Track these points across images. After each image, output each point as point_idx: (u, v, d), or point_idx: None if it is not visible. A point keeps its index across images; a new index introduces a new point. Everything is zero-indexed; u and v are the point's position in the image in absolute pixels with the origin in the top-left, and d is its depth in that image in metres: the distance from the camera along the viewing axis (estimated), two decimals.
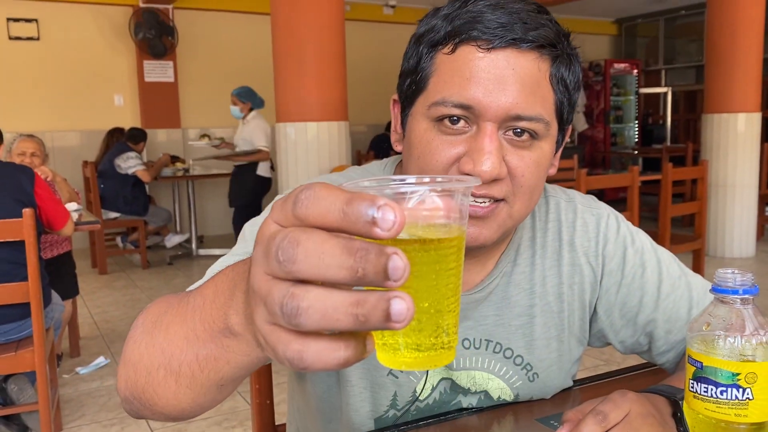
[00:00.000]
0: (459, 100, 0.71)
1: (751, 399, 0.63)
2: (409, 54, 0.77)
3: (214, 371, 0.50)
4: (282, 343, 0.37)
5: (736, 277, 0.64)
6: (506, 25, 0.70)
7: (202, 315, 0.49)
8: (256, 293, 0.38)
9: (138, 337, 0.58)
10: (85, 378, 3.27)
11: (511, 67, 0.70)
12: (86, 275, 5.44)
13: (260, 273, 0.37)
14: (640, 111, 9.57)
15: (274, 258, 0.35)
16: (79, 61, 6.66)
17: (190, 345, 0.51)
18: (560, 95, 0.75)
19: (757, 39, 5.51)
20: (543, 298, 0.90)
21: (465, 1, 0.73)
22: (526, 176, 0.74)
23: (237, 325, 0.45)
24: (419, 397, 0.88)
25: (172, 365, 0.53)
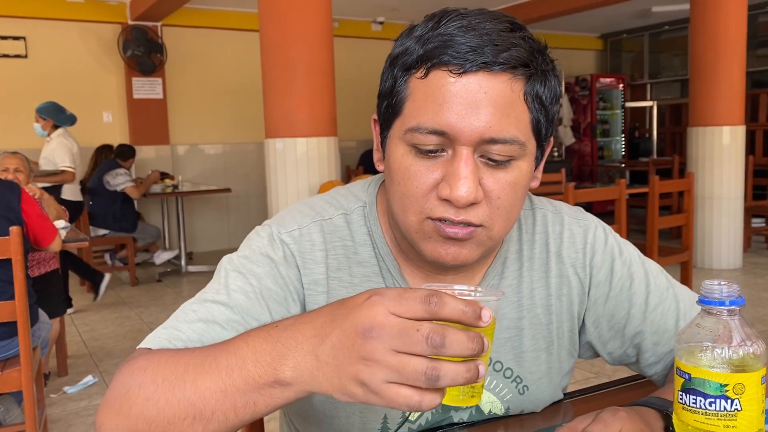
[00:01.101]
0: (433, 126, 0.71)
1: (739, 410, 0.63)
2: (385, 76, 0.78)
3: (251, 414, 0.63)
4: (402, 396, 0.54)
5: (722, 288, 0.65)
6: (477, 48, 0.70)
7: (243, 373, 0.62)
8: (378, 363, 0.54)
9: (151, 394, 0.66)
10: (73, 397, 3.23)
11: (483, 91, 0.70)
12: (74, 293, 5.38)
13: (387, 350, 0.54)
14: (627, 125, 9.66)
15: (425, 342, 0.53)
16: (67, 79, 6.65)
17: (227, 397, 0.62)
18: (536, 113, 0.75)
19: (739, 53, 5.59)
20: (531, 310, 0.90)
21: (438, 21, 0.73)
22: (501, 198, 0.74)
23: (290, 378, 0.59)
24: (409, 418, 0.87)
25: (204, 414, 0.63)
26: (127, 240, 5.70)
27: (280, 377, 0.60)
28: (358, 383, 0.55)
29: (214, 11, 7.22)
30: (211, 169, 7.47)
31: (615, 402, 0.85)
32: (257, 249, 0.84)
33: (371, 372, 0.54)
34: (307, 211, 0.88)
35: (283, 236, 0.85)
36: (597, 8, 7.30)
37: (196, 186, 6.62)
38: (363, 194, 0.91)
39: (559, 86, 0.79)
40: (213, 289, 0.81)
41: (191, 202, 7.14)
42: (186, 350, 0.70)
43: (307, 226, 0.86)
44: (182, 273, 6.13)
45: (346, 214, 0.88)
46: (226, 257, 0.86)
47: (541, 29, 8.91)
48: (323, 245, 0.85)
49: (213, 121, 7.43)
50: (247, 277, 0.81)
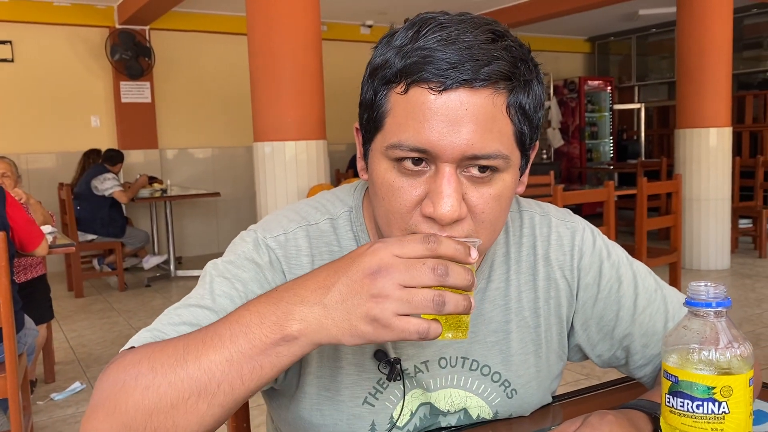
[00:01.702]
0: (415, 144, 0.70)
1: (727, 413, 0.63)
2: (366, 87, 0.76)
3: (257, 380, 0.64)
4: (413, 324, 0.60)
5: (709, 290, 0.65)
6: (457, 64, 0.68)
7: (249, 337, 0.63)
8: (388, 297, 0.60)
9: (150, 381, 0.65)
10: (60, 404, 3.20)
11: (464, 108, 0.69)
12: (62, 299, 5.34)
13: (396, 285, 0.60)
14: (615, 127, 9.71)
15: (432, 273, 0.60)
16: (54, 83, 6.61)
17: (233, 365, 0.63)
18: (519, 124, 0.73)
19: (725, 56, 5.63)
20: (519, 313, 0.90)
21: (417, 30, 0.71)
22: (486, 212, 0.73)
23: (297, 332, 0.62)
24: (397, 424, 0.87)
25: (209, 388, 0.64)
26: (115, 245, 5.66)
27: (287, 332, 0.62)
28: (369, 320, 0.60)
29: (203, 15, 7.20)
30: (200, 173, 7.44)
31: (604, 405, 0.85)
32: (242, 254, 0.84)
33: (382, 306, 0.60)
34: (292, 216, 0.88)
35: (269, 241, 0.85)
36: (585, 11, 7.34)
37: (185, 190, 6.59)
38: (349, 199, 0.90)
39: (544, 91, 0.77)
40: (198, 294, 0.80)
41: (180, 207, 7.11)
42: (180, 336, 0.69)
43: (292, 231, 0.86)
44: (171, 278, 6.10)
45: (332, 219, 0.88)
46: (210, 262, 0.85)
47: (530, 32, 8.95)
48: (309, 250, 0.85)
49: (202, 124, 7.40)
50: (233, 282, 0.80)
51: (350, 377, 0.85)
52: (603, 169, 8.87)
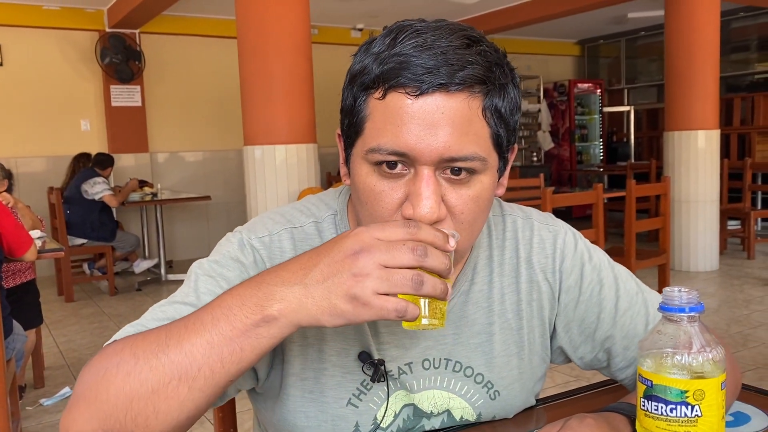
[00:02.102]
0: (393, 148, 0.72)
1: (699, 416, 0.64)
2: (346, 94, 0.78)
3: (237, 363, 0.65)
4: (392, 302, 0.62)
5: (682, 295, 0.66)
6: (432, 69, 0.70)
7: (230, 319, 0.64)
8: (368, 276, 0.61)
9: (131, 367, 0.66)
10: (50, 410, 3.19)
11: (440, 111, 0.70)
12: (52, 303, 5.32)
13: (377, 264, 0.62)
14: (605, 129, 9.76)
15: (411, 252, 0.62)
16: (44, 87, 6.59)
17: (214, 348, 0.64)
18: (495, 127, 0.75)
19: (713, 59, 5.68)
20: (502, 315, 0.91)
21: (394, 38, 0.72)
22: (465, 213, 0.75)
23: (277, 312, 0.63)
24: (381, 425, 0.88)
25: (190, 372, 0.64)
26: (105, 249, 5.64)
27: (267, 312, 0.64)
28: (349, 298, 0.62)
29: (193, 18, 7.19)
30: (190, 177, 7.43)
31: (588, 407, 0.86)
32: (227, 254, 0.85)
33: (362, 285, 0.61)
34: (278, 219, 0.89)
35: (254, 242, 0.86)
36: (574, 14, 7.38)
37: (175, 194, 6.58)
38: (334, 203, 0.92)
39: (520, 94, 0.79)
40: (183, 292, 0.82)
41: (171, 210, 7.09)
42: (164, 325, 0.70)
43: (277, 233, 0.87)
44: (162, 282, 6.08)
45: (317, 222, 0.89)
46: (196, 262, 0.86)
47: (520, 35, 9.00)
48: (293, 252, 0.86)
49: (192, 128, 7.39)
50: (218, 281, 0.81)
51: (334, 378, 0.86)
52: (593, 172, 8.91)
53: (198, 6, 6.73)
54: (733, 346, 3.76)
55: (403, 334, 0.87)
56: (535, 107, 9.30)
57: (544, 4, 7.07)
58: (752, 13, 8.17)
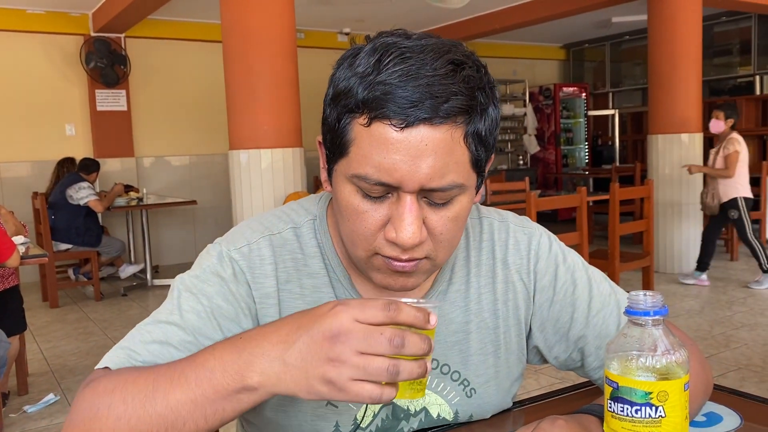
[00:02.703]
0: (378, 179, 0.74)
1: (663, 417, 0.66)
2: (329, 110, 0.78)
3: (219, 419, 0.69)
4: (366, 390, 0.63)
5: (647, 299, 0.68)
6: (417, 103, 0.71)
7: (212, 383, 0.68)
8: (344, 363, 0.62)
9: (122, 413, 0.70)
10: (34, 416, 3.17)
11: (424, 143, 0.72)
12: (36, 309, 5.29)
13: (354, 351, 0.62)
14: (590, 133, 9.84)
15: (388, 344, 0.62)
16: (28, 91, 6.55)
17: (198, 407, 0.69)
18: (475, 151, 0.77)
19: (695, 63, 5.75)
20: (478, 314, 0.93)
21: (379, 59, 0.73)
22: (444, 233, 0.78)
23: (257, 383, 0.67)
24: (361, 425, 0.89)
25: (176, 425, 0.69)
26: (91, 254, 5.61)
27: (248, 383, 0.67)
28: (325, 382, 0.63)
29: (178, 22, 7.18)
30: (177, 182, 7.41)
31: (565, 410, 0.87)
32: (207, 268, 0.87)
33: (338, 371, 0.63)
34: (256, 227, 0.91)
35: (232, 253, 0.87)
36: (559, 19, 7.43)
37: (161, 198, 6.55)
38: (314, 208, 0.93)
39: (499, 111, 0.80)
40: (167, 310, 0.83)
41: (157, 215, 7.07)
42: (151, 368, 0.74)
43: (256, 242, 0.88)
44: (148, 287, 6.06)
45: (296, 227, 0.91)
46: (178, 277, 0.88)
47: (505, 40, 9.05)
48: (272, 259, 0.88)
49: (178, 132, 7.37)
50: (198, 297, 0.83)
51: None
52: (578, 175, 8.97)
53: (183, 10, 6.72)
54: (716, 347, 3.80)
55: None
56: (521, 111, 9.35)
57: (530, 9, 7.12)
58: (734, 18, 8.27)
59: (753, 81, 8.44)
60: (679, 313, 4.54)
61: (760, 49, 8.27)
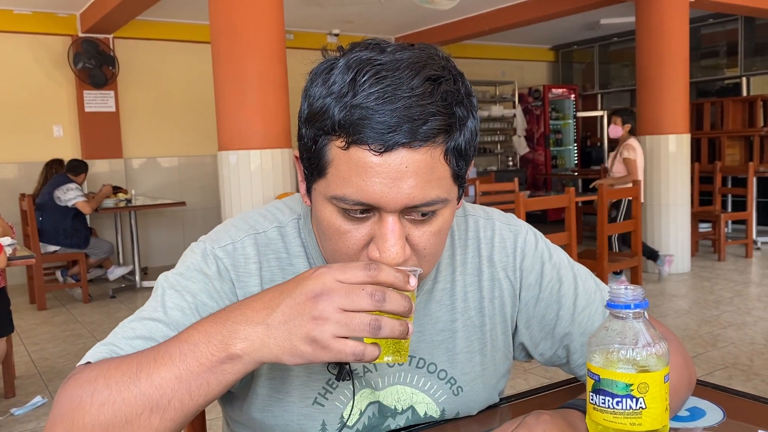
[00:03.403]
0: (358, 199, 0.73)
1: (644, 408, 0.67)
2: (304, 130, 0.77)
3: (204, 395, 0.68)
4: (350, 346, 0.64)
5: (627, 292, 0.68)
6: (394, 128, 0.70)
7: (196, 355, 0.68)
8: (327, 320, 0.63)
9: (106, 398, 0.69)
10: (21, 419, 3.14)
11: (404, 165, 0.71)
12: (23, 311, 5.25)
13: (336, 308, 0.63)
14: (579, 134, 9.88)
15: (369, 298, 0.63)
16: (15, 92, 6.51)
17: (182, 382, 0.68)
18: (456, 166, 0.76)
19: (683, 65, 5.79)
20: (464, 313, 0.93)
21: (353, 78, 0.71)
22: (427, 248, 0.78)
23: (241, 350, 0.66)
24: (347, 423, 0.89)
25: (161, 404, 0.68)
26: (79, 256, 5.58)
27: (232, 351, 0.67)
28: (309, 341, 0.64)
29: (167, 23, 7.16)
30: (166, 183, 7.38)
31: (551, 405, 0.87)
32: (192, 265, 0.87)
33: (321, 329, 0.63)
34: (241, 225, 0.90)
35: (217, 251, 0.87)
36: (548, 20, 7.47)
37: (150, 200, 6.52)
38: (298, 207, 0.93)
39: (478, 120, 0.79)
40: (151, 307, 0.83)
41: (145, 217, 7.03)
42: (134, 353, 0.73)
43: (240, 240, 0.88)
44: (137, 289, 6.03)
45: (281, 227, 0.90)
46: (162, 275, 0.87)
47: (495, 41, 9.08)
48: (257, 258, 0.88)
49: (167, 133, 7.35)
50: (183, 294, 0.83)
51: (300, 378, 0.88)
52: (567, 176, 9.01)
53: (172, 11, 6.70)
54: (703, 346, 3.83)
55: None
56: (510, 112, 9.39)
57: (519, 11, 7.15)
58: (721, 20, 8.34)
59: (740, 82, 8.51)
60: (666, 313, 4.57)
61: (747, 51, 8.34)
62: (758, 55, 8.32)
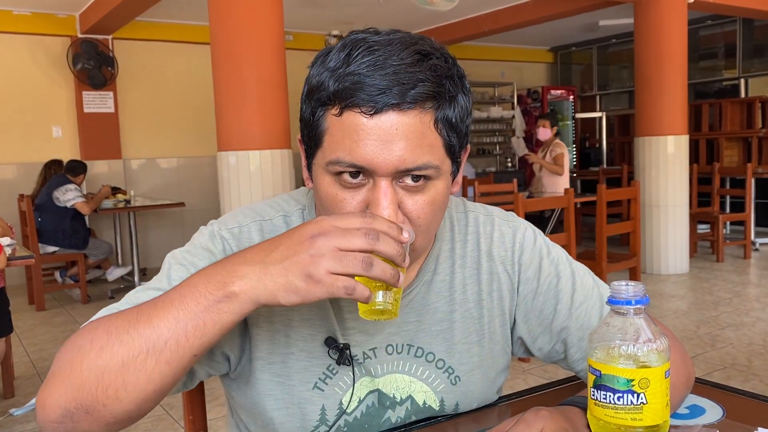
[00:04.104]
0: (352, 161, 0.77)
1: (645, 403, 0.67)
2: (304, 107, 0.82)
3: (200, 337, 0.70)
4: (341, 280, 0.67)
5: (629, 288, 0.69)
6: (385, 90, 0.74)
7: (195, 296, 0.70)
8: (323, 256, 0.67)
9: (104, 342, 0.71)
10: (20, 420, 3.14)
11: (394, 128, 0.75)
12: (22, 312, 5.25)
13: (332, 247, 0.67)
14: (578, 135, 9.89)
15: (364, 237, 0.67)
16: (14, 93, 6.51)
17: (179, 322, 0.69)
18: (447, 136, 0.80)
19: (681, 66, 5.80)
20: (463, 305, 0.95)
21: (348, 53, 0.76)
22: (421, 217, 0.81)
23: (238, 289, 0.69)
24: (346, 410, 0.91)
25: (157, 345, 0.69)
26: (78, 257, 5.58)
27: (229, 289, 0.69)
28: (304, 277, 0.67)
29: (166, 24, 7.16)
30: (165, 184, 7.38)
31: (548, 404, 0.88)
32: (199, 244, 0.90)
33: (317, 264, 0.67)
34: (248, 213, 0.95)
35: (223, 232, 0.91)
36: (546, 22, 7.48)
37: (149, 200, 6.52)
38: (303, 198, 0.97)
39: (470, 100, 0.83)
40: (157, 279, 0.87)
41: (144, 217, 7.03)
42: (136, 305, 0.76)
43: (246, 225, 0.92)
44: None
45: (286, 215, 0.94)
46: (170, 253, 0.91)
47: (493, 43, 9.09)
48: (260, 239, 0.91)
49: (166, 134, 7.35)
50: (188, 269, 0.86)
51: (300, 362, 0.90)
52: None
53: (171, 12, 6.70)
54: (702, 346, 3.84)
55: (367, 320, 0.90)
56: (509, 113, 9.40)
57: (518, 12, 7.17)
58: (719, 22, 8.36)
59: (738, 84, 8.53)
60: (665, 314, 4.57)
61: (746, 52, 8.36)
62: (756, 56, 8.34)
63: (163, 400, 3.45)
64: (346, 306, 0.90)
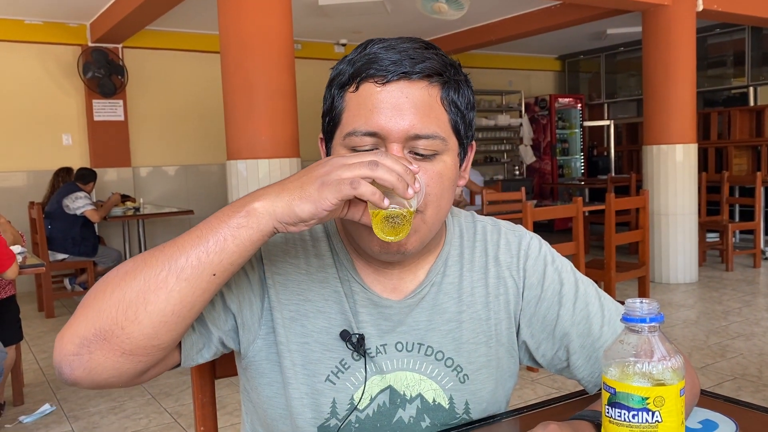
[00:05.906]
0: (367, 129, 0.85)
1: (660, 421, 0.67)
2: (326, 97, 0.91)
3: (220, 252, 0.75)
4: (347, 180, 0.73)
5: (643, 306, 0.69)
6: (397, 62, 0.85)
7: (219, 216, 0.77)
8: (333, 167, 0.75)
9: (130, 268, 0.77)
10: (29, 427, 3.16)
11: (405, 96, 0.85)
12: (32, 319, 5.27)
13: (340, 164, 0.75)
14: (585, 143, 9.88)
15: (368, 166, 0.74)
16: (25, 101, 6.56)
17: (201, 239, 0.75)
18: (453, 115, 0.89)
19: (690, 74, 5.80)
20: (471, 306, 0.99)
21: (364, 46, 0.88)
22: (431, 186, 0.87)
23: (260, 206, 0.75)
24: (358, 407, 0.92)
25: (179, 262, 0.75)
26: (87, 264, 5.60)
27: (249, 207, 0.76)
28: (318, 185, 0.74)
29: (176, 33, 7.21)
30: (173, 191, 7.41)
31: (558, 418, 0.88)
32: None
33: (328, 173, 0.75)
34: None
35: None
36: (554, 31, 7.49)
37: (158, 208, 6.55)
38: None
39: (473, 96, 0.93)
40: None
41: (153, 225, 7.06)
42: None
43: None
44: None
45: None
46: None
47: (502, 51, 9.10)
48: (284, 237, 0.97)
49: (175, 142, 7.39)
50: None
51: (315, 354, 0.92)
52: (574, 185, 9.00)
53: (181, 21, 6.75)
54: (711, 356, 3.82)
55: (379, 315, 0.94)
56: (517, 121, 9.39)
57: (525, 21, 7.18)
58: (728, 30, 8.35)
59: (747, 92, 8.51)
60: (674, 323, 4.55)
61: (754, 60, 8.34)
62: (765, 65, 8.32)
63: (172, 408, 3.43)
64: (360, 300, 0.94)
